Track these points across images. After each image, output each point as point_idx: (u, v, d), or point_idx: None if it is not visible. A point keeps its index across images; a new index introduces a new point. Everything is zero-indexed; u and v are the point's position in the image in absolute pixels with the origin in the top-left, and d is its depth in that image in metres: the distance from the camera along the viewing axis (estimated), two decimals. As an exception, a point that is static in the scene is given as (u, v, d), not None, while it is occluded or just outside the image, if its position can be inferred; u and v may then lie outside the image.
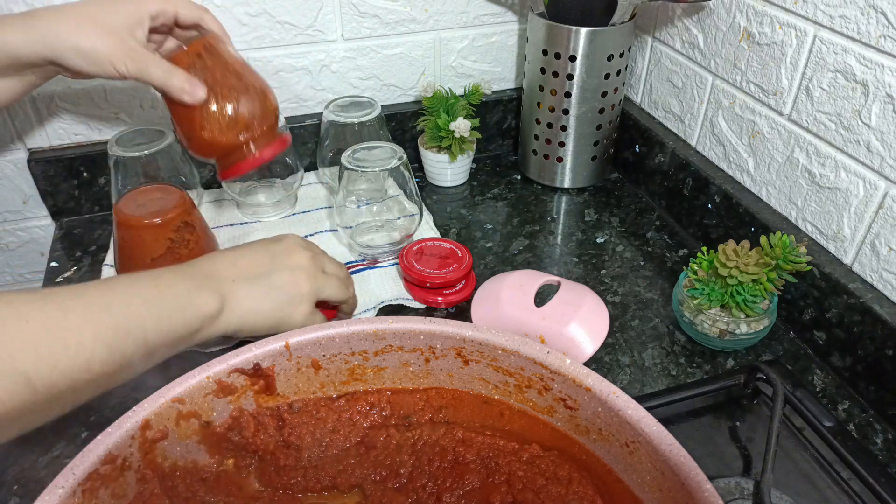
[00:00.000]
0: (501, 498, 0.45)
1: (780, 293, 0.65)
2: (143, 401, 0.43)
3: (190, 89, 0.61)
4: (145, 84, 0.60)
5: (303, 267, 0.59)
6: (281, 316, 0.57)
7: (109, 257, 0.77)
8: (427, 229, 0.82)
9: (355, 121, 0.81)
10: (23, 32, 0.57)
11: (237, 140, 0.63)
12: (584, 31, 0.79)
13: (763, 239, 0.63)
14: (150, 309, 0.49)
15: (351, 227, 0.76)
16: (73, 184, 0.83)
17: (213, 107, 0.62)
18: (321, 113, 0.85)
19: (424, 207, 0.85)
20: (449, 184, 0.92)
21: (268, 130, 0.65)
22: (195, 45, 0.62)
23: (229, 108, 0.62)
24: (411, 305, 0.71)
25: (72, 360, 0.44)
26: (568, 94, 0.83)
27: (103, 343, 0.46)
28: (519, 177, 0.95)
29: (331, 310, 0.64)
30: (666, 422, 0.41)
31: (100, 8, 0.59)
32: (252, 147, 0.64)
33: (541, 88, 0.85)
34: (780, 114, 0.69)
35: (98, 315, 0.46)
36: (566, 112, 0.85)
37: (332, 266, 0.63)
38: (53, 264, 0.77)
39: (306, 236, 0.79)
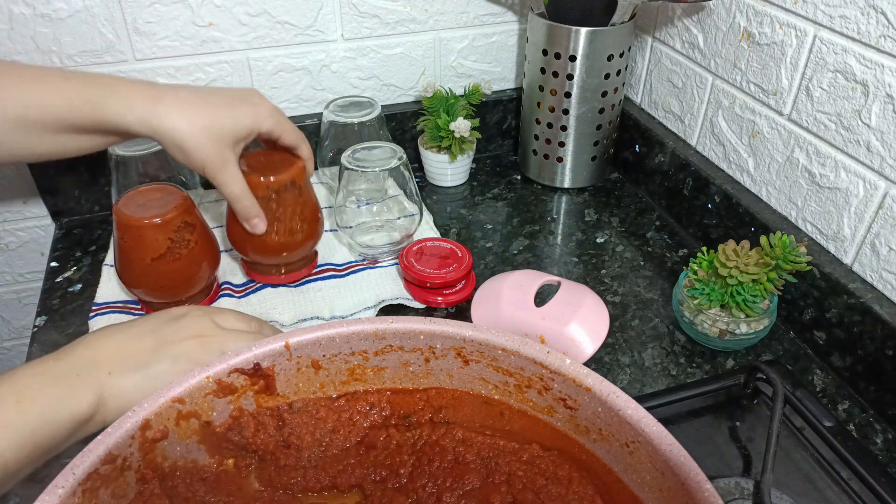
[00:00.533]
0: (501, 498, 0.45)
1: (780, 293, 0.65)
2: (143, 401, 0.43)
3: (253, 221, 0.65)
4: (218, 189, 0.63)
5: (187, 354, 0.52)
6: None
7: (109, 257, 0.77)
8: (427, 229, 0.82)
9: (355, 121, 0.81)
10: (139, 113, 0.57)
11: (272, 262, 0.71)
12: (584, 31, 0.79)
13: (763, 239, 0.63)
14: (9, 433, 0.44)
15: (351, 227, 0.76)
16: (73, 184, 0.83)
17: (266, 237, 0.67)
18: (321, 113, 0.85)
19: (424, 207, 0.85)
20: (449, 184, 0.92)
21: (302, 263, 0.73)
22: (279, 181, 0.65)
23: (277, 242, 0.68)
24: (411, 305, 0.71)
25: None
26: (568, 94, 0.83)
27: None
28: (519, 177, 0.95)
29: None
30: (666, 422, 0.41)
31: (220, 112, 0.60)
32: (282, 270, 0.72)
33: (541, 88, 0.85)
34: (780, 114, 0.69)
35: None
36: (566, 112, 0.85)
37: (234, 342, 0.54)
38: (53, 264, 0.77)
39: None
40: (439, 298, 0.70)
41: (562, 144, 0.87)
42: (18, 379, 0.47)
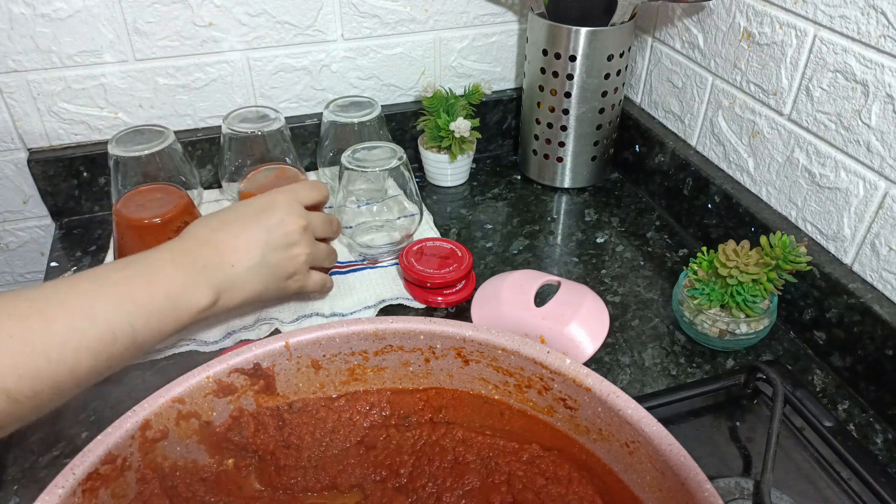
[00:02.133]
0: (501, 498, 0.45)
1: (780, 293, 0.65)
2: (143, 401, 0.43)
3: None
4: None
5: (297, 242, 0.59)
6: (275, 291, 0.60)
7: (109, 257, 0.76)
8: (427, 229, 0.82)
9: (355, 121, 0.81)
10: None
11: None
12: (584, 31, 0.79)
13: (763, 239, 0.63)
14: (139, 312, 0.49)
15: (351, 227, 0.76)
16: (73, 184, 0.83)
17: None
18: (321, 113, 0.85)
19: (424, 207, 0.85)
20: (449, 184, 0.92)
21: None
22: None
23: None
24: (411, 305, 0.71)
25: (54, 370, 0.45)
26: (568, 94, 0.83)
27: (88, 351, 0.46)
28: (519, 177, 0.95)
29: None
30: (666, 422, 0.41)
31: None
32: None
33: (541, 88, 0.85)
34: (780, 114, 0.69)
35: (82, 324, 0.46)
36: (566, 112, 0.85)
37: (322, 227, 0.63)
38: (53, 264, 0.77)
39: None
40: (439, 298, 0.70)
41: (562, 144, 0.87)
42: (150, 263, 0.52)
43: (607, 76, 0.82)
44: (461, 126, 0.84)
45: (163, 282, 0.51)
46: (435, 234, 0.82)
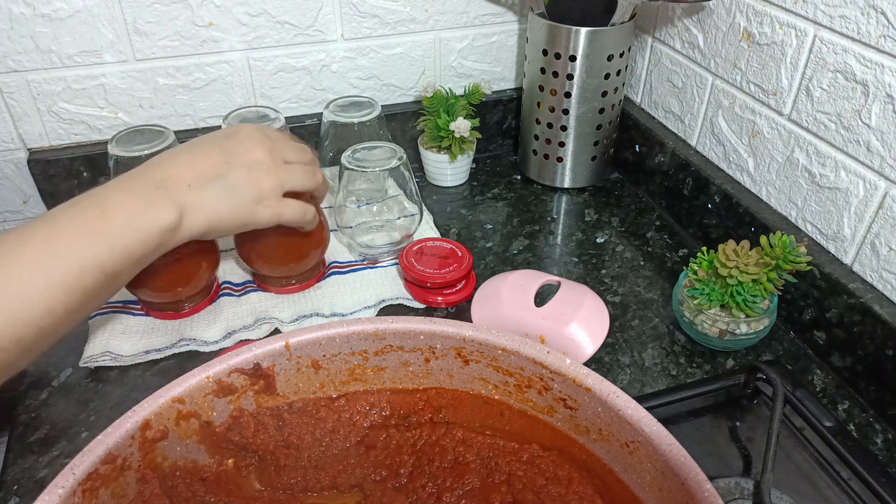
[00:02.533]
0: (501, 498, 0.45)
1: (780, 293, 0.65)
2: (143, 401, 0.43)
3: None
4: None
5: (261, 163, 0.57)
6: (245, 215, 0.57)
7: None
8: (427, 229, 0.82)
9: (355, 121, 0.81)
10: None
11: (283, 274, 0.71)
12: (584, 31, 0.79)
13: (763, 239, 0.63)
14: (100, 241, 0.48)
15: (351, 227, 0.76)
16: (73, 184, 0.83)
17: (273, 253, 0.68)
18: (321, 113, 0.85)
19: (424, 207, 0.85)
20: (449, 184, 0.92)
21: (311, 273, 0.73)
22: (306, 195, 0.64)
23: (286, 256, 0.68)
24: (411, 305, 0.71)
25: (30, 313, 0.45)
26: (568, 94, 0.83)
27: (60, 288, 0.46)
28: (519, 177, 0.95)
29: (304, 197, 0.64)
30: (666, 422, 0.41)
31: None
32: (293, 281, 0.72)
33: (541, 88, 0.85)
34: (780, 114, 0.69)
35: (47, 263, 0.46)
36: (566, 112, 0.85)
37: (294, 153, 0.61)
38: (53, 264, 0.77)
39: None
40: (439, 298, 0.70)
41: (562, 144, 0.87)
42: (98, 195, 0.51)
43: (607, 76, 0.82)
44: (461, 126, 0.84)
45: (116, 208, 0.50)
46: (435, 234, 0.82)
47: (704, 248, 0.67)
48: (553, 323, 0.63)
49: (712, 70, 0.78)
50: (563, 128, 0.86)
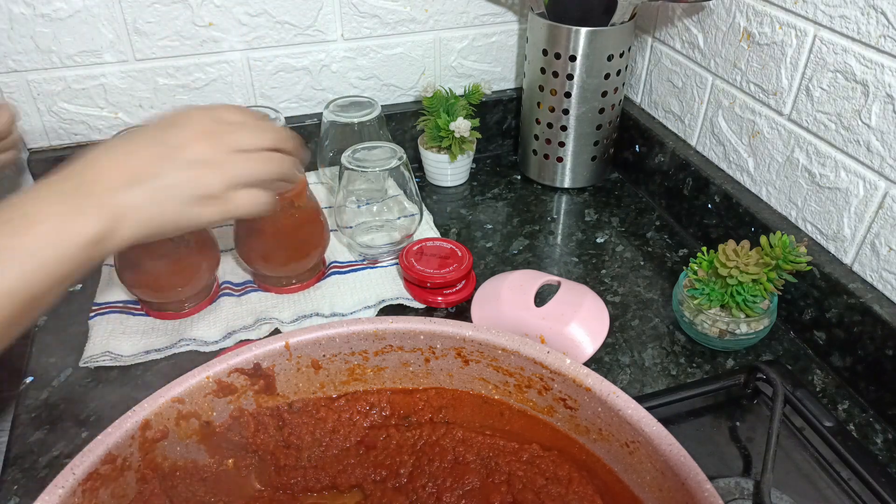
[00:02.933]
0: (501, 498, 0.45)
1: (780, 293, 0.65)
2: (143, 401, 0.43)
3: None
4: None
5: (203, 157, 0.49)
6: (185, 218, 0.49)
7: (109, 258, 0.76)
8: (427, 229, 0.82)
9: (355, 121, 0.81)
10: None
11: (283, 275, 0.71)
12: (584, 31, 0.79)
13: (763, 239, 0.63)
14: (10, 264, 0.42)
15: (351, 227, 0.76)
16: (73, 184, 0.83)
17: (273, 254, 0.69)
18: (321, 113, 0.85)
19: (424, 207, 0.85)
20: (449, 184, 0.92)
21: (311, 273, 0.73)
22: (288, 196, 0.64)
23: (286, 257, 0.69)
24: (411, 305, 0.71)
25: None
26: (568, 94, 0.83)
27: None
28: (519, 177, 0.95)
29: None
30: (666, 422, 0.41)
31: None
32: (293, 281, 0.72)
33: (541, 88, 0.85)
34: (780, 114, 0.69)
35: None
36: (566, 112, 0.85)
37: (251, 138, 0.52)
38: (53, 264, 0.77)
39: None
40: (439, 298, 0.70)
41: (562, 144, 0.87)
42: (14, 204, 0.44)
43: (607, 76, 0.82)
44: (461, 126, 0.84)
45: (32, 221, 0.43)
46: (435, 234, 0.82)
47: (704, 248, 0.67)
48: (553, 323, 0.63)
49: (712, 70, 0.78)
50: (563, 128, 0.86)
